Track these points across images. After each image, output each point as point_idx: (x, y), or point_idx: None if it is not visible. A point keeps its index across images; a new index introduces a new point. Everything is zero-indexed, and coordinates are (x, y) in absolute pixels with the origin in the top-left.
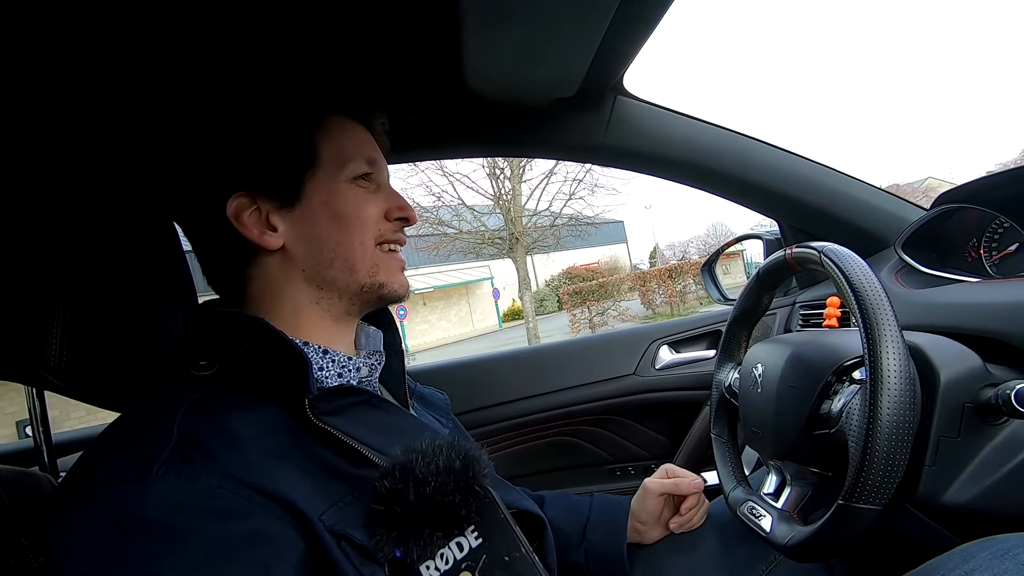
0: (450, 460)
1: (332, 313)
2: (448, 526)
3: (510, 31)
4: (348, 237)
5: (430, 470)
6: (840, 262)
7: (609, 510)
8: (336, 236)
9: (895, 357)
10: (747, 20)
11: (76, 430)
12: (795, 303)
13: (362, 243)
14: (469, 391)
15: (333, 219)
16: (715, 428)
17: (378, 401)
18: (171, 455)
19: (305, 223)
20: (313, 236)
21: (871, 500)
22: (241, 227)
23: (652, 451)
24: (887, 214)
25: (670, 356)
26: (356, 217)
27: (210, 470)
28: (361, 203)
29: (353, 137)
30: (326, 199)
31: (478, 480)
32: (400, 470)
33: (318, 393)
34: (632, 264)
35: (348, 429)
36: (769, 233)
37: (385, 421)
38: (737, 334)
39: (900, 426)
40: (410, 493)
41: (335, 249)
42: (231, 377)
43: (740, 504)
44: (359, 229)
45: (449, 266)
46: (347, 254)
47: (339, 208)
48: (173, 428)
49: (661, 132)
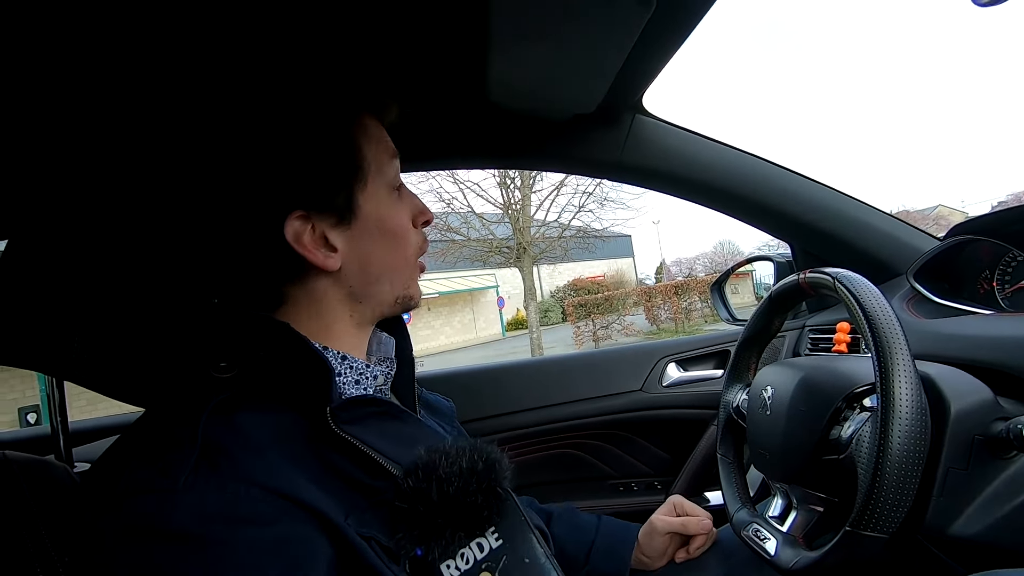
0: (473, 461)
1: (357, 321)
2: (470, 526)
3: (538, 48)
4: (395, 254)
5: (453, 470)
6: (854, 289)
7: (615, 536)
8: (383, 253)
9: (907, 386)
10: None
11: (87, 420)
12: (804, 327)
13: (407, 259)
14: (475, 400)
15: (383, 236)
16: (721, 448)
17: (397, 411)
18: (197, 463)
19: (360, 240)
20: (365, 253)
21: (879, 528)
22: (303, 250)
23: (656, 468)
24: (900, 242)
25: (678, 374)
26: (402, 231)
27: (236, 477)
28: (401, 214)
29: (381, 136)
30: (379, 213)
31: (500, 482)
32: (424, 469)
33: (339, 402)
34: (638, 279)
35: (366, 439)
36: (780, 255)
37: (403, 431)
38: (747, 355)
39: (910, 455)
40: (433, 492)
41: (382, 267)
42: (250, 381)
43: (744, 526)
44: (404, 245)
45: (455, 273)
46: (393, 272)
47: (387, 223)
48: (197, 434)
49: (677, 152)
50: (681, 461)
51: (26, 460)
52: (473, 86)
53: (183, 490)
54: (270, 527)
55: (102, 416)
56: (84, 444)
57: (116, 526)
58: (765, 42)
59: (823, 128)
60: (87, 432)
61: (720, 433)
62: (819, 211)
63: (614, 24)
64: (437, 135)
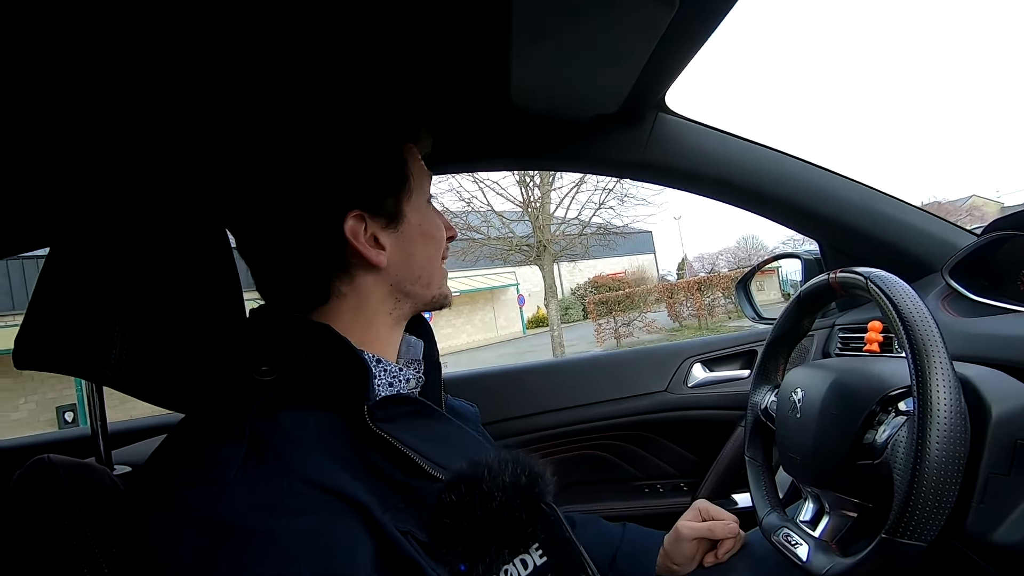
0: (516, 476)
1: (396, 318)
2: (514, 542)
3: (558, 50)
4: (431, 255)
5: (496, 484)
6: (888, 289)
7: (640, 544)
8: (424, 255)
9: (946, 390)
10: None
11: (125, 421)
12: (834, 325)
13: (438, 260)
14: (499, 401)
15: (423, 239)
16: (749, 451)
17: (429, 411)
18: (246, 457)
19: (404, 243)
20: (408, 254)
21: (916, 536)
22: (358, 244)
23: (682, 470)
24: (933, 238)
25: (703, 374)
26: (437, 236)
27: (282, 471)
28: (437, 222)
29: (419, 160)
30: (420, 220)
31: (543, 497)
32: (467, 484)
33: (376, 401)
34: (659, 275)
35: (402, 437)
36: (808, 252)
37: (435, 430)
38: (774, 356)
39: (949, 461)
40: (476, 507)
41: (423, 266)
42: (291, 383)
43: (775, 531)
44: (437, 248)
45: (475, 271)
46: (430, 271)
47: (427, 229)
48: (244, 430)
49: (701, 150)
50: (708, 463)
51: (69, 463)
52: (495, 90)
53: (234, 482)
54: (317, 517)
55: (138, 418)
56: (122, 447)
57: (169, 517)
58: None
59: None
60: (125, 434)
61: (748, 435)
62: (847, 207)
63: (636, 25)
64: (460, 139)
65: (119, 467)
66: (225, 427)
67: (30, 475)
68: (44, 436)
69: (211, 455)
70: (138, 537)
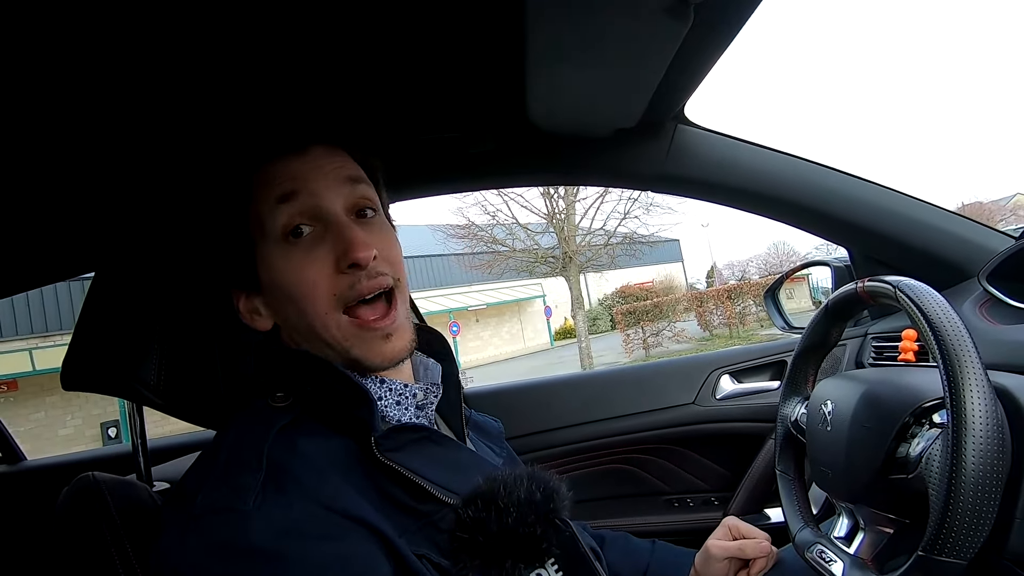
0: (531, 492)
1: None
2: (529, 557)
3: (574, 68)
4: (307, 311)
5: (512, 500)
6: (917, 298)
7: (669, 561)
8: (295, 313)
9: (980, 400)
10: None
11: (165, 438)
12: (867, 334)
13: (325, 314)
14: (525, 415)
15: (283, 295)
16: (780, 464)
17: (438, 437)
18: (264, 484)
19: (273, 302)
20: (284, 317)
21: (955, 553)
22: (242, 316)
23: (712, 483)
24: (969, 242)
25: (732, 386)
26: (298, 286)
27: (301, 497)
28: (298, 267)
29: (279, 176)
30: (269, 274)
31: (559, 513)
32: (483, 499)
33: (383, 432)
34: (688, 283)
35: (410, 464)
36: (838, 260)
37: (444, 456)
38: (804, 368)
39: (987, 475)
40: (492, 523)
41: (300, 327)
42: (304, 409)
43: (808, 547)
44: (311, 300)
45: (502, 284)
46: (312, 331)
47: (280, 280)
48: (263, 458)
49: (723, 160)
50: (739, 476)
51: (112, 481)
52: (513, 109)
53: (254, 510)
54: (335, 542)
55: (176, 434)
56: (162, 463)
57: (198, 544)
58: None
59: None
60: (165, 450)
61: (779, 448)
62: (876, 213)
63: (651, 40)
64: (481, 158)
65: (159, 483)
66: (244, 454)
67: (77, 492)
68: (87, 453)
69: (232, 483)
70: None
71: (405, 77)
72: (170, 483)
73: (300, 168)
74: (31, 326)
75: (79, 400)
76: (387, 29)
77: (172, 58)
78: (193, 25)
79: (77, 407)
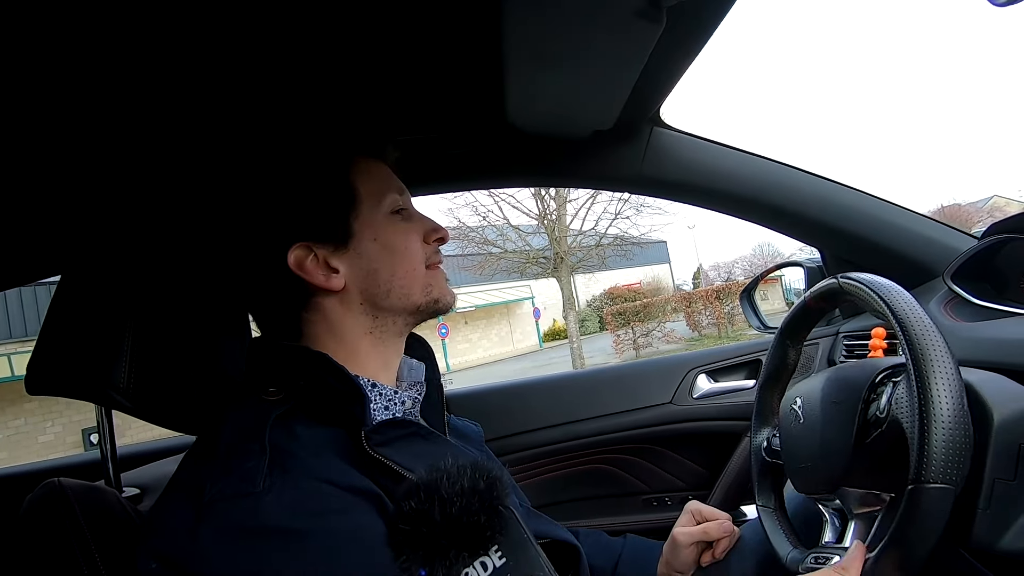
0: (474, 480)
1: (379, 337)
2: (473, 545)
3: (550, 69)
4: (401, 267)
5: (455, 490)
6: (879, 290)
7: (640, 552)
8: (390, 267)
9: (948, 395)
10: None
11: (134, 444)
12: (839, 333)
13: (414, 270)
14: (504, 417)
15: (385, 252)
16: (760, 499)
17: (425, 432)
18: (270, 468)
19: (360, 260)
20: (369, 271)
21: (942, 477)
22: (306, 275)
23: (689, 482)
24: (935, 243)
25: (708, 385)
26: (404, 248)
27: (307, 476)
28: (404, 233)
29: (380, 174)
30: (375, 235)
31: (502, 500)
32: (425, 490)
33: (373, 426)
34: (675, 285)
35: (399, 459)
36: (811, 260)
37: (431, 451)
38: (768, 399)
39: (955, 399)
40: (436, 513)
41: (391, 280)
42: (297, 404)
43: (803, 560)
44: (407, 258)
45: (490, 285)
46: (402, 282)
47: (388, 241)
48: (265, 443)
49: (698, 162)
50: (715, 474)
51: (78, 487)
52: (492, 110)
53: (264, 491)
54: (346, 515)
55: (146, 441)
56: (131, 469)
57: (212, 530)
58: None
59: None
60: (134, 457)
61: (756, 482)
62: (845, 214)
63: (626, 41)
64: (462, 159)
65: (128, 489)
66: (246, 443)
67: (41, 498)
68: (55, 461)
69: (239, 470)
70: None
71: (385, 79)
72: (141, 489)
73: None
74: (9, 331)
75: (59, 406)
76: (365, 31)
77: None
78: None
79: (58, 413)
